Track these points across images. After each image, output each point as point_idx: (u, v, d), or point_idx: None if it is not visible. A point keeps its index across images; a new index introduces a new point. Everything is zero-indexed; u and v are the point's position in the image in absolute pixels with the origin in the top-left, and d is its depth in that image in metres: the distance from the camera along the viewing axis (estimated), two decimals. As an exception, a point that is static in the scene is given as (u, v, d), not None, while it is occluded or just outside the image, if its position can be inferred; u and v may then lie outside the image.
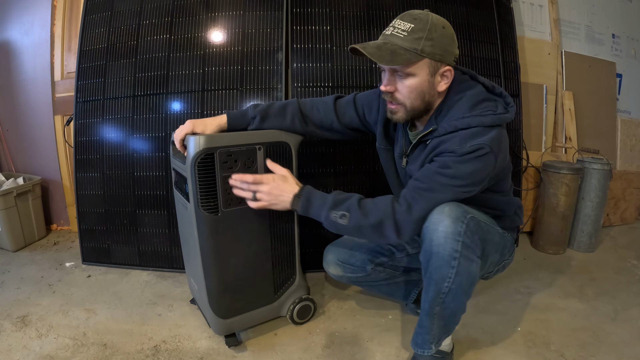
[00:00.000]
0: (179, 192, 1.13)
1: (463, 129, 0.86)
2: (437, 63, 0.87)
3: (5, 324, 1.23)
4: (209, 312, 1.11)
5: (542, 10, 2.01)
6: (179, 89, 1.52)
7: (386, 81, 0.91)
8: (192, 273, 1.20)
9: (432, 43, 0.84)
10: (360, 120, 1.12)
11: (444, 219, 0.84)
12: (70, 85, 1.84)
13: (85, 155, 1.61)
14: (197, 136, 0.97)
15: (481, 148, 0.83)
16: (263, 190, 0.96)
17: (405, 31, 0.85)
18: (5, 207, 1.74)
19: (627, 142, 2.23)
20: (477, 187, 0.88)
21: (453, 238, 0.84)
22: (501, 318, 1.26)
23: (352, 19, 1.53)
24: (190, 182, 0.98)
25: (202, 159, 0.96)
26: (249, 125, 1.09)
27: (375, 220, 0.88)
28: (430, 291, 0.90)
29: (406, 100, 0.90)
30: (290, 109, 1.10)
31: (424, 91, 0.89)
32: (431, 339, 0.96)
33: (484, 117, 0.86)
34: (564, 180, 1.70)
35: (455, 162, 0.84)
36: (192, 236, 1.04)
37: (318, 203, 0.93)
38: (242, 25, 1.53)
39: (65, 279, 1.54)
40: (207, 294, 1.07)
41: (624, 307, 1.33)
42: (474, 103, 0.89)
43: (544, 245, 1.80)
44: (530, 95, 1.95)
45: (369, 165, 1.52)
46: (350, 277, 1.17)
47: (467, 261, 0.86)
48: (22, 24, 1.95)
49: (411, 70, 0.87)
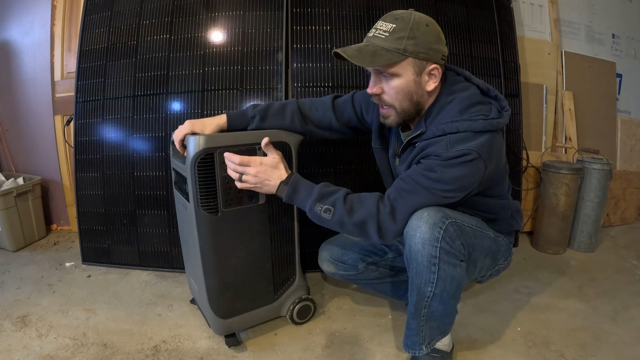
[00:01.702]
0: (178, 192, 1.13)
1: (451, 134, 0.84)
2: (422, 62, 0.86)
3: (5, 324, 1.23)
4: (209, 312, 1.10)
5: (542, 10, 2.01)
6: (179, 89, 1.52)
7: (372, 83, 0.91)
8: (192, 273, 1.20)
9: (415, 42, 0.83)
10: (358, 119, 1.13)
11: (421, 225, 0.84)
12: (70, 85, 1.84)
13: (85, 155, 1.61)
14: (196, 136, 0.97)
15: (468, 154, 0.81)
16: (250, 173, 0.94)
17: (387, 32, 0.84)
18: (5, 207, 1.74)
19: (627, 142, 2.23)
20: (463, 193, 0.87)
21: (430, 244, 0.84)
22: (501, 318, 1.26)
23: (352, 19, 1.53)
24: (190, 182, 0.98)
25: (202, 159, 0.96)
26: (248, 125, 1.09)
27: (358, 218, 0.88)
28: (413, 295, 0.91)
29: (394, 101, 0.90)
30: (290, 109, 1.10)
31: (411, 91, 0.88)
32: (421, 340, 0.96)
33: (473, 122, 0.84)
34: (564, 180, 1.70)
35: (440, 166, 0.83)
36: (192, 236, 1.04)
37: (304, 193, 0.92)
38: (242, 25, 1.53)
39: (65, 279, 1.54)
40: (207, 294, 1.07)
41: (624, 307, 1.33)
42: (465, 106, 0.87)
43: (544, 245, 1.80)
44: (530, 95, 1.95)
45: (369, 165, 1.52)
46: (343, 275, 1.20)
47: (449, 266, 0.86)
48: (22, 24, 1.95)
49: (395, 71, 0.86)
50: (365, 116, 1.12)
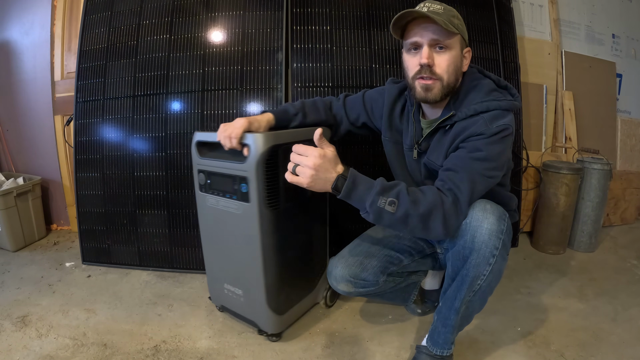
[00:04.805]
0: (216, 194, 1.08)
1: (483, 112, 0.89)
2: (463, 42, 0.93)
3: (5, 324, 1.23)
4: (264, 312, 1.09)
5: (542, 10, 2.01)
6: (179, 89, 1.52)
7: (427, 54, 0.90)
8: (231, 279, 1.16)
9: (460, 22, 0.91)
10: (367, 116, 1.15)
11: (489, 216, 0.84)
12: (70, 85, 1.84)
13: (85, 155, 1.61)
14: (262, 134, 0.96)
15: (506, 129, 0.86)
16: (308, 164, 0.82)
17: (441, 9, 0.88)
18: (5, 207, 1.74)
19: (627, 142, 2.23)
20: (501, 172, 0.90)
21: (496, 236, 0.84)
22: (501, 318, 1.26)
23: (352, 19, 1.53)
24: (255, 180, 0.96)
25: (269, 157, 0.97)
26: (291, 122, 1.11)
27: (424, 210, 0.82)
28: (463, 289, 0.88)
29: (444, 73, 0.91)
30: (320, 105, 1.16)
31: (457, 66, 0.92)
32: (452, 339, 0.96)
33: (500, 101, 0.90)
34: (564, 180, 1.70)
35: (485, 144, 0.85)
36: (246, 237, 1.03)
37: (364, 186, 0.84)
38: (242, 25, 1.53)
39: (65, 279, 1.54)
40: (266, 293, 1.07)
41: (624, 307, 1.33)
42: (488, 90, 0.93)
43: (544, 245, 1.80)
44: (530, 95, 1.95)
45: (369, 165, 1.52)
46: (361, 292, 1.08)
47: (502, 259, 0.86)
48: (22, 24, 1.95)
49: (451, 43, 0.89)
50: (375, 112, 1.13)
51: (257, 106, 1.50)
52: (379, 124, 1.14)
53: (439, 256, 1.18)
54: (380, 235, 1.15)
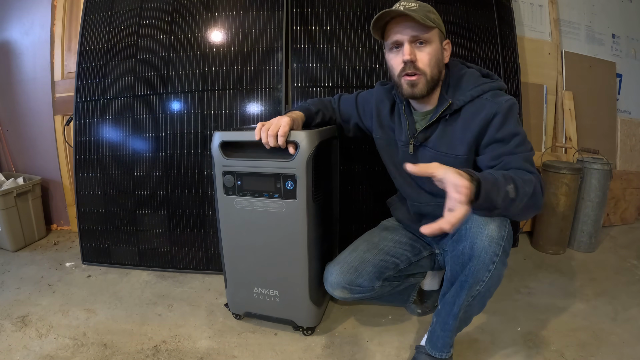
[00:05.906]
0: (249, 195, 1.04)
1: (481, 95, 0.92)
2: (441, 35, 0.96)
3: (5, 324, 1.23)
4: (305, 306, 1.11)
5: (542, 10, 2.01)
6: (179, 89, 1.52)
7: (409, 50, 0.92)
8: (263, 281, 1.13)
9: (436, 17, 0.94)
10: (359, 117, 1.18)
11: (489, 222, 0.83)
12: (70, 85, 1.84)
13: (85, 155, 1.61)
14: (311, 132, 0.99)
15: (514, 102, 0.90)
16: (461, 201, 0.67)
17: (416, 6, 0.91)
18: (5, 207, 1.74)
19: (627, 142, 2.23)
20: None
21: (497, 242, 0.82)
22: (501, 318, 1.26)
23: (352, 19, 1.53)
24: (305, 177, 0.98)
25: (317, 153, 0.99)
26: (314, 120, 1.15)
27: (531, 189, 0.79)
28: (462, 294, 0.87)
29: (427, 67, 0.93)
30: (327, 103, 1.21)
31: (439, 59, 0.95)
32: (451, 342, 0.96)
33: (492, 83, 0.94)
34: (564, 180, 1.70)
35: (508, 118, 0.87)
36: (289, 234, 1.03)
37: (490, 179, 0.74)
38: (242, 25, 1.53)
39: (65, 279, 1.54)
40: (309, 287, 1.08)
41: (624, 307, 1.33)
42: (477, 77, 0.97)
43: (544, 245, 1.80)
44: (530, 95, 1.95)
45: (368, 165, 1.52)
46: (357, 297, 1.09)
47: (502, 265, 0.84)
48: (22, 24, 1.95)
49: (430, 37, 0.92)
50: (366, 112, 1.15)
51: (257, 106, 1.50)
52: (369, 123, 1.15)
53: (437, 257, 1.18)
54: (375, 240, 1.15)
